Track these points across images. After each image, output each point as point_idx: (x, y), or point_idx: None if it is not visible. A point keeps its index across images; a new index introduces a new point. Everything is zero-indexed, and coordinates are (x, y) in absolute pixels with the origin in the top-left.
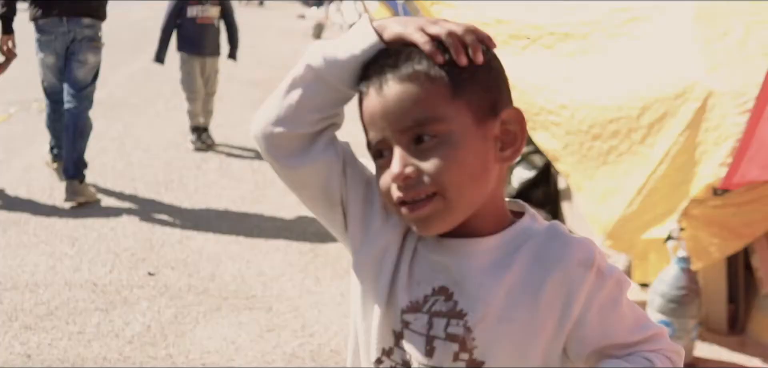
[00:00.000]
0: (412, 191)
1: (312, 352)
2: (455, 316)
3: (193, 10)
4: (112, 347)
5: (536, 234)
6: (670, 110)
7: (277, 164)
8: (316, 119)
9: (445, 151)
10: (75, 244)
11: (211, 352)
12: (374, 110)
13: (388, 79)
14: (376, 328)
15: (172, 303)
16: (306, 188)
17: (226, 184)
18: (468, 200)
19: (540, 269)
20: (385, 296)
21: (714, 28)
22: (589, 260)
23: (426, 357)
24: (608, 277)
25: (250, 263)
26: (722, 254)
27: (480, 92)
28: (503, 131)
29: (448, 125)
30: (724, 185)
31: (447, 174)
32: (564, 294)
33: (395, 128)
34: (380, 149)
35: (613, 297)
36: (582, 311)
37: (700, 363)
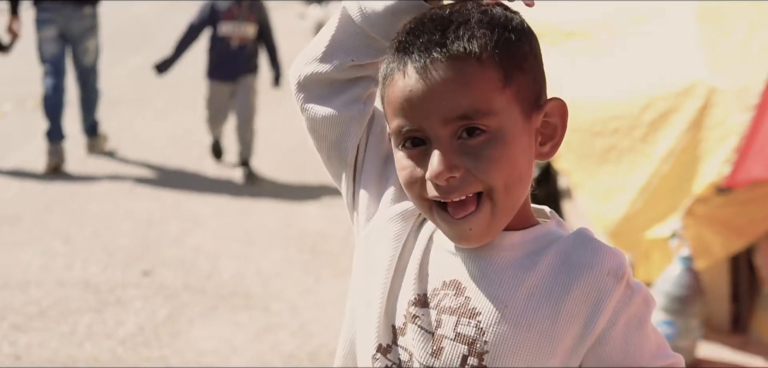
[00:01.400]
0: (454, 193)
1: (310, 353)
2: (466, 315)
3: (227, 27)
4: (104, 347)
5: (563, 238)
6: (673, 107)
7: (302, 108)
8: (346, 64)
9: (494, 149)
10: (69, 242)
11: (207, 353)
12: (413, 93)
13: (435, 59)
14: (374, 322)
15: (167, 302)
16: (321, 139)
17: (225, 181)
18: (514, 204)
19: (566, 275)
20: (388, 287)
21: (717, 26)
22: (619, 271)
23: (432, 357)
24: (637, 293)
25: (249, 262)
26: (726, 253)
27: (528, 81)
28: (544, 124)
29: (498, 119)
30: (728, 184)
31: (497, 175)
32: (590, 304)
33: (439, 119)
34: (412, 138)
35: (640, 315)
36: (607, 325)
37: (703, 363)
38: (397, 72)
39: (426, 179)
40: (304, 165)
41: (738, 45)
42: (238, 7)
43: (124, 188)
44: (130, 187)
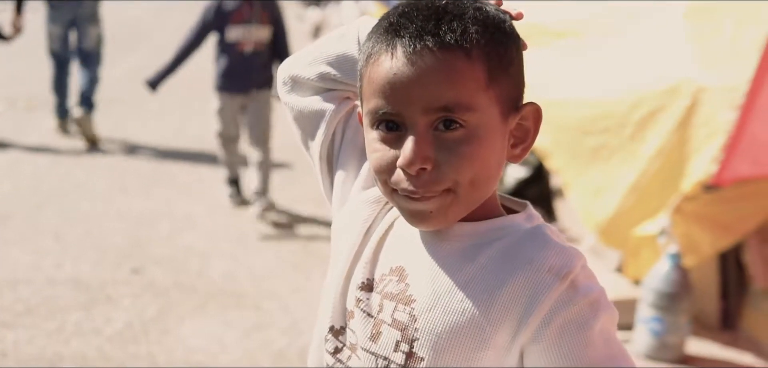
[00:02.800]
0: (424, 188)
1: (300, 350)
2: (403, 301)
3: (236, 31)
4: (92, 344)
5: (519, 232)
6: (661, 106)
7: (284, 99)
8: (329, 75)
9: (468, 146)
10: (59, 240)
11: (196, 350)
12: (398, 77)
13: (426, 46)
14: (330, 304)
15: (157, 300)
16: (299, 130)
17: (218, 180)
18: (475, 199)
19: (506, 268)
20: (346, 271)
21: (705, 26)
22: (563, 270)
23: (370, 341)
24: (583, 295)
25: (240, 261)
26: (714, 250)
27: (510, 84)
28: (518, 126)
29: (478, 116)
30: (716, 182)
31: (466, 172)
32: (526, 299)
33: (420, 107)
34: (387, 121)
35: (581, 318)
36: (542, 323)
37: (692, 360)
38: (384, 53)
39: (396, 166)
40: (295, 165)
41: (726, 44)
42: (250, 7)
43: (116, 187)
44: (122, 186)
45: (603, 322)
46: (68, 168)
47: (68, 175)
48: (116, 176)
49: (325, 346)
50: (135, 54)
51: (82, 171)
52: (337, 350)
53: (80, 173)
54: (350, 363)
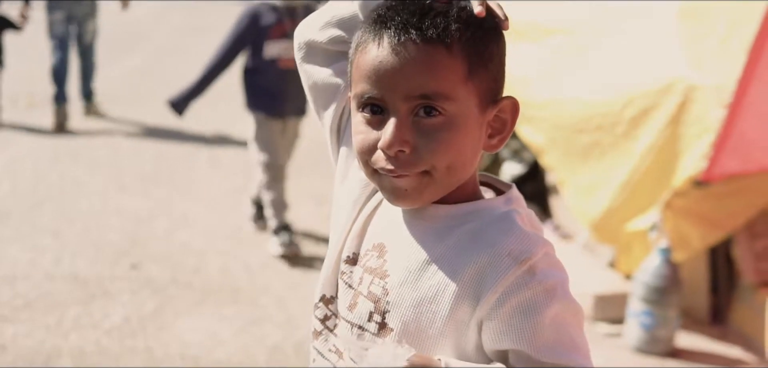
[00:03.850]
0: (402, 168)
1: (295, 345)
2: (379, 275)
3: (275, 47)
4: (90, 339)
5: (491, 216)
6: (653, 104)
7: (300, 67)
8: (339, 38)
9: (446, 133)
10: (57, 237)
11: (192, 345)
12: (383, 64)
13: (410, 39)
14: (324, 273)
15: (154, 296)
16: (313, 100)
17: (216, 178)
18: (451, 183)
19: (470, 249)
20: (340, 246)
21: (697, 26)
22: (521, 255)
23: (348, 311)
24: (538, 281)
25: (237, 257)
26: (703, 245)
27: (489, 78)
28: (495, 118)
29: (456, 106)
30: (705, 178)
31: (443, 157)
32: (483, 279)
33: (402, 93)
34: (371, 104)
35: (534, 301)
36: (496, 303)
37: (682, 353)
38: (371, 42)
39: (377, 147)
40: (294, 163)
41: (717, 43)
42: (292, 21)
43: (114, 185)
44: (120, 185)
45: (557, 310)
46: (67, 167)
47: (67, 173)
48: (114, 174)
49: (315, 313)
50: (134, 56)
51: (80, 170)
52: (327, 318)
53: (79, 171)
54: (336, 330)
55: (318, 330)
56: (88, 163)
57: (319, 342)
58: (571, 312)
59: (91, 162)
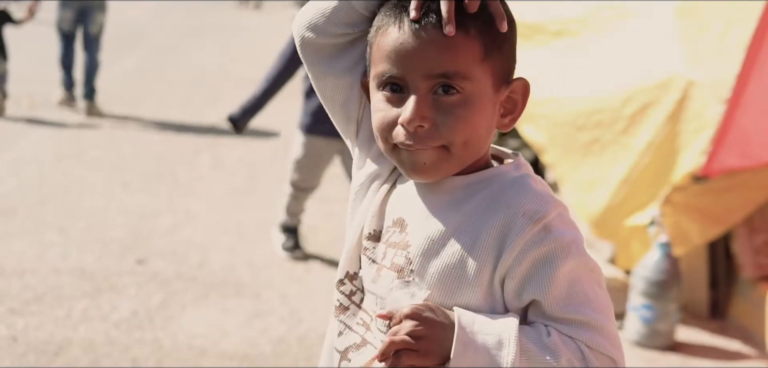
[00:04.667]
0: (421, 143)
1: (299, 337)
2: (401, 247)
3: None
4: (99, 330)
5: (504, 181)
6: (652, 100)
7: (307, 66)
8: (340, 32)
9: (463, 110)
10: (63, 233)
11: (199, 336)
12: (405, 46)
13: (430, 22)
14: (347, 251)
15: (160, 289)
16: (327, 99)
17: (218, 177)
18: (467, 158)
19: (487, 213)
20: (362, 222)
21: (695, 24)
22: (536, 214)
23: (372, 283)
24: (554, 238)
25: (239, 253)
26: (702, 240)
27: (503, 60)
28: (507, 99)
29: (473, 85)
30: (704, 173)
31: (460, 133)
32: (501, 240)
33: (421, 72)
34: (391, 84)
35: (549, 257)
36: (514, 261)
37: (682, 347)
38: (392, 24)
39: (397, 123)
40: None
41: (714, 40)
42: None
43: (117, 183)
44: (123, 182)
45: (571, 266)
46: (70, 166)
47: (70, 172)
48: (117, 173)
49: (340, 289)
50: (134, 56)
51: (83, 168)
52: (352, 293)
53: (82, 170)
54: (362, 304)
55: (344, 305)
56: (90, 162)
57: (347, 316)
58: (587, 268)
59: (94, 161)
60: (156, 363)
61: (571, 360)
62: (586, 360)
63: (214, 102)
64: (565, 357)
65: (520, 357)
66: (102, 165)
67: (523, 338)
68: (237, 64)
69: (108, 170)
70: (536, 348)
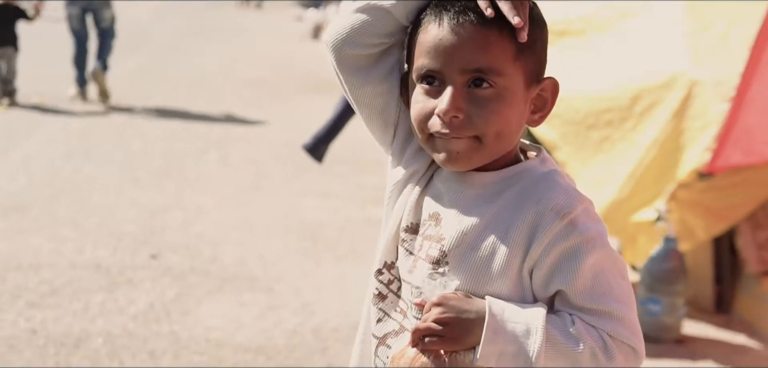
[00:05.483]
0: (455, 132)
1: (313, 329)
2: (436, 239)
3: None
4: (117, 323)
5: (533, 176)
6: (658, 99)
7: (343, 78)
8: (376, 42)
9: (496, 103)
10: (77, 228)
11: (215, 329)
12: (442, 41)
13: (467, 20)
14: (385, 242)
15: (175, 283)
16: (365, 106)
17: (225, 174)
18: (497, 151)
19: (518, 208)
20: (399, 215)
21: (698, 23)
22: (563, 209)
23: (409, 274)
24: (579, 232)
25: (250, 248)
26: (707, 235)
27: (534, 59)
28: (538, 97)
29: (505, 81)
30: (709, 170)
31: (492, 125)
32: (530, 233)
33: (458, 67)
34: (430, 77)
35: (574, 250)
36: (541, 254)
37: (688, 341)
38: (432, 22)
39: (434, 113)
40: (302, 158)
41: (717, 39)
42: None
43: (127, 179)
44: (133, 179)
45: (596, 259)
46: (80, 162)
47: (80, 169)
48: (126, 170)
49: (379, 278)
50: (137, 55)
51: (93, 165)
52: (390, 282)
53: (92, 167)
54: (400, 292)
55: (383, 293)
56: (99, 158)
57: (385, 304)
58: (611, 260)
59: (103, 157)
60: (174, 355)
61: (594, 348)
62: (608, 349)
63: (218, 101)
64: (588, 345)
65: (546, 344)
66: (111, 162)
67: (550, 326)
68: (239, 63)
69: (117, 167)
70: (561, 336)
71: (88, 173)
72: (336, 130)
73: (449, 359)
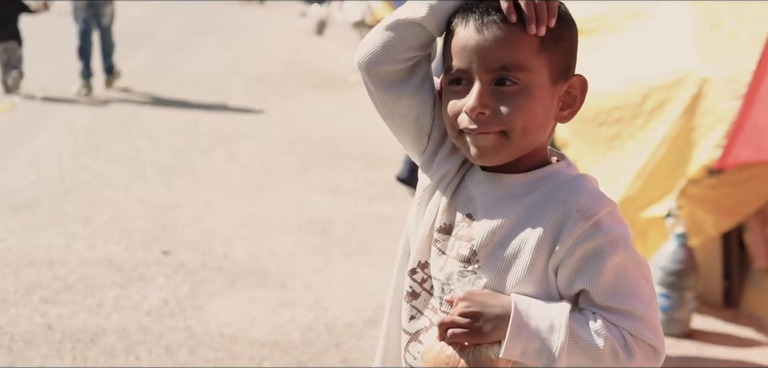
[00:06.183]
0: (482, 127)
1: (326, 325)
2: (467, 239)
3: None
4: (132, 318)
5: (560, 179)
6: (668, 97)
7: (377, 94)
8: (409, 56)
9: (521, 99)
10: (88, 225)
11: (229, 324)
12: (469, 42)
13: (491, 20)
14: (418, 243)
15: (188, 279)
16: (400, 117)
17: (234, 170)
18: (525, 145)
19: (545, 208)
20: (433, 216)
21: (708, 21)
22: (589, 211)
23: (440, 272)
24: (603, 234)
25: (262, 244)
26: (717, 231)
27: (560, 55)
28: (566, 93)
29: (529, 76)
30: (719, 166)
31: (517, 120)
32: (556, 233)
33: (483, 66)
34: (459, 78)
35: (599, 250)
36: (566, 253)
37: (697, 335)
38: (459, 25)
39: (462, 111)
40: (309, 154)
41: (727, 37)
42: None
43: (136, 176)
44: (142, 176)
45: (620, 260)
46: (88, 159)
47: (88, 166)
48: (135, 166)
49: (414, 277)
50: (139, 53)
51: (101, 162)
52: (424, 280)
53: (100, 164)
54: (433, 292)
55: (416, 291)
56: (108, 155)
57: (418, 301)
58: (633, 261)
59: (111, 154)
60: (190, 350)
61: (615, 345)
62: (629, 347)
63: (224, 97)
64: (609, 343)
65: (569, 341)
66: (119, 158)
67: (573, 323)
68: (243, 60)
69: (125, 164)
70: (584, 334)
71: (97, 169)
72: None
73: (473, 352)
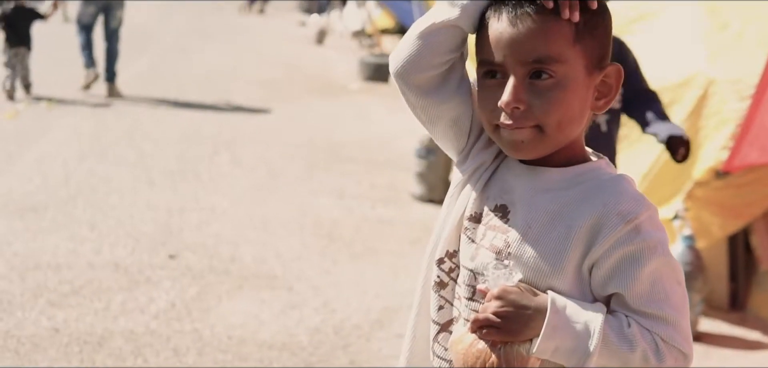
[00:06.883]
0: (517, 122)
1: (334, 327)
2: (502, 231)
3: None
4: (139, 322)
5: (600, 177)
6: (674, 98)
7: (417, 102)
8: (444, 60)
9: (556, 92)
10: (94, 229)
11: (236, 326)
12: (502, 35)
13: (524, 12)
14: (447, 232)
15: (195, 282)
16: (440, 121)
17: (239, 174)
18: (561, 139)
19: (584, 207)
20: (464, 205)
21: (715, 22)
22: (629, 215)
23: (470, 261)
24: (642, 239)
25: (268, 247)
26: (724, 233)
27: (595, 44)
28: (601, 83)
29: (565, 68)
30: (726, 168)
31: (553, 114)
32: (594, 234)
33: (518, 59)
34: (494, 71)
35: (636, 255)
36: (603, 255)
37: (703, 338)
38: (493, 17)
39: (497, 105)
40: (313, 159)
41: (734, 39)
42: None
43: (142, 181)
44: (148, 180)
45: (656, 266)
46: (93, 164)
47: (94, 170)
48: (140, 171)
49: (441, 267)
50: (143, 58)
51: (106, 166)
52: (452, 270)
53: (105, 168)
54: (459, 280)
55: (444, 281)
56: (113, 160)
57: (446, 291)
58: (669, 267)
59: (116, 159)
60: (198, 352)
61: (646, 350)
62: (660, 352)
63: (227, 102)
64: (640, 348)
65: (601, 344)
66: (124, 163)
67: (606, 327)
68: (245, 66)
69: (130, 168)
70: (616, 338)
71: (102, 174)
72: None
73: (505, 348)
